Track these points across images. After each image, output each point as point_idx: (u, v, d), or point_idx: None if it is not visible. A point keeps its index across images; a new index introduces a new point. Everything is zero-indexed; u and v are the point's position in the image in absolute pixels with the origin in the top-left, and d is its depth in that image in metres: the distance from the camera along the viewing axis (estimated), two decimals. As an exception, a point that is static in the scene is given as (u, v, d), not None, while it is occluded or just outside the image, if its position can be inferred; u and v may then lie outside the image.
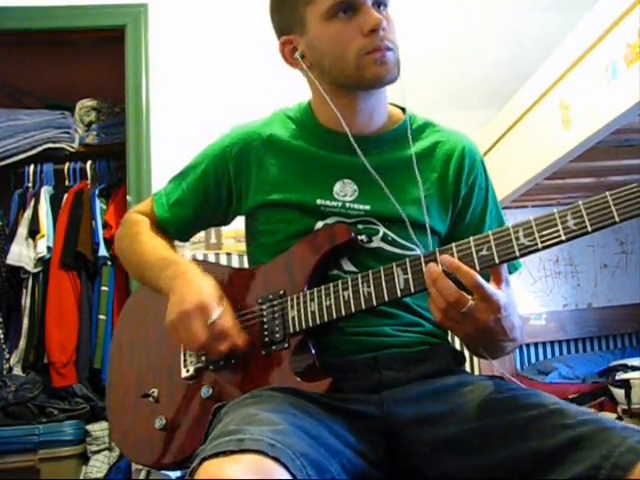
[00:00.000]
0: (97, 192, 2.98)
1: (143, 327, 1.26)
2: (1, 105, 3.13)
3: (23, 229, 2.91)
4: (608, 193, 0.85)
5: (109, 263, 2.86)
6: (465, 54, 2.88)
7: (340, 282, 1.04)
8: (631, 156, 2.18)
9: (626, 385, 2.43)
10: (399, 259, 1.03)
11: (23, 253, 2.86)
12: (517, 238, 0.91)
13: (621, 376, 2.48)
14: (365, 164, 1.12)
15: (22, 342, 2.83)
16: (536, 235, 0.89)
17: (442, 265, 0.92)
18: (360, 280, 1.02)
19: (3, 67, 3.10)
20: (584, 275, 3.12)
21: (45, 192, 2.99)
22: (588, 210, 0.86)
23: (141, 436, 1.16)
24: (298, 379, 1.02)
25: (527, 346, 3.05)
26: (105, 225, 2.90)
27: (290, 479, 0.73)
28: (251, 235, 1.25)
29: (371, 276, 1.01)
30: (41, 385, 2.75)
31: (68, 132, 3.06)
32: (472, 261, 0.92)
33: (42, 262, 2.86)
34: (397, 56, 1.10)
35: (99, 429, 2.70)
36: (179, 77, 2.82)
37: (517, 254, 0.91)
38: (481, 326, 0.92)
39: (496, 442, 0.90)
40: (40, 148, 3.00)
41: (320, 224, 1.13)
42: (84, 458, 2.72)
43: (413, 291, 0.98)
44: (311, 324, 1.04)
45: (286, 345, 1.06)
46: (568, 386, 2.67)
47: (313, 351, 1.05)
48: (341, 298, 1.03)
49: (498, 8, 2.89)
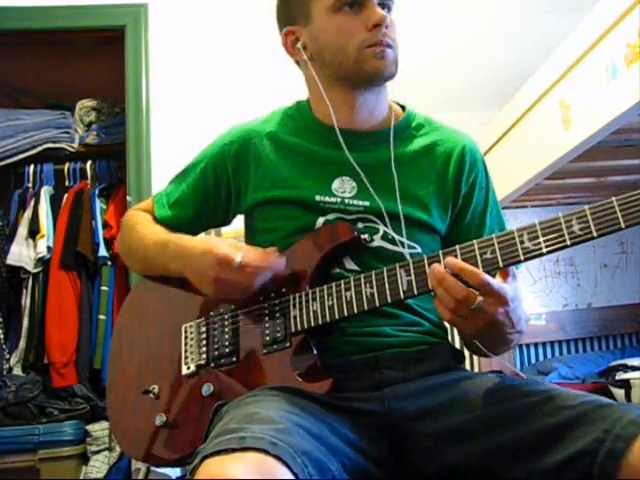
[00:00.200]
0: (97, 192, 2.97)
1: (143, 323, 1.25)
2: (1, 105, 3.12)
3: (23, 229, 2.90)
4: (614, 198, 0.84)
5: (109, 263, 2.86)
6: (467, 56, 2.88)
7: (343, 282, 1.04)
8: (631, 156, 2.18)
9: (626, 385, 2.43)
10: (400, 257, 1.03)
11: (23, 253, 2.86)
12: (522, 242, 0.90)
13: (621, 376, 2.48)
14: (351, 161, 1.12)
15: (22, 342, 2.82)
16: (541, 239, 0.89)
17: (446, 268, 0.92)
18: (363, 281, 1.02)
19: (3, 67, 3.09)
20: (584, 275, 3.12)
21: (45, 192, 2.98)
22: (594, 215, 0.86)
23: (141, 433, 1.15)
24: (299, 379, 1.01)
25: (527, 346, 3.05)
26: (105, 225, 2.90)
27: (292, 478, 0.73)
28: (250, 233, 1.25)
29: (374, 277, 1.01)
30: (41, 385, 2.74)
31: (68, 132, 3.05)
32: (476, 264, 0.92)
33: (42, 262, 2.85)
34: (396, 55, 1.12)
35: (99, 429, 2.70)
36: (179, 77, 2.82)
37: (521, 258, 0.90)
38: (490, 320, 0.91)
39: (498, 427, 0.91)
40: (40, 148, 2.99)
41: (321, 220, 1.12)
42: (84, 458, 2.71)
43: (416, 293, 0.97)
44: (313, 324, 1.04)
45: (288, 344, 1.05)
46: (568, 386, 2.66)
47: (315, 351, 1.05)
48: (344, 298, 1.02)
49: (500, 11, 2.89)
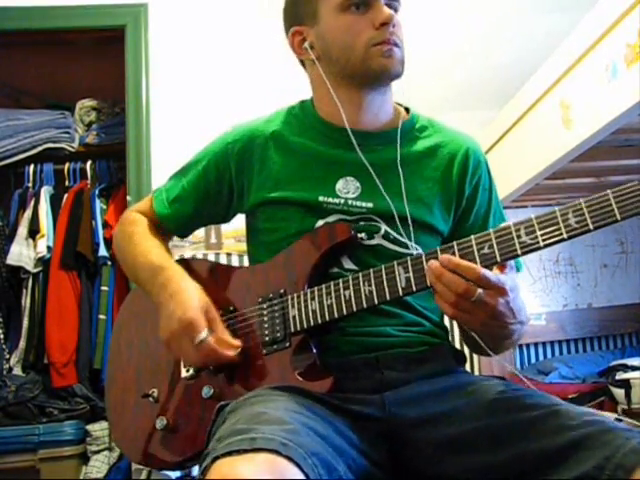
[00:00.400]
0: (97, 192, 2.98)
1: (142, 324, 1.25)
2: (1, 105, 3.12)
3: (23, 229, 2.90)
4: (610, 191, 0.85)
5: (109, 263, 2.86)
6: (467, 56, 2.88)
7: (341, 281, 1.04)
8: (631, 156, 2.18)
9: (626, 385, 2.44)
10: (400, 257, 1.02)
11: (23, 253, 2.86)
12: (519, 236, 0.90)
13: (621, 376, 2.49)
14: (364, 161, 1.12)
15: (22, 342, 2.82)
16: (538, 233, 0.89)
17: (441, 265, 0.91)
18: (361, 279, 1.02)
19: (3, 67, 3.09)
20: (584, 275, 3.12)
21: (45, 192, 2.98)
22: (589, 208, 0.86)
23: (142, 436, 1.15)
24: (300, 378, 1.01)
25: (527, 346, 3.05)
26: (105, 225, 2.90)
27: (303, 479, 0.73)
28: (252, 233, 1.24)
29: (372, 275, 1.01)
30: (41, 385, 2.74)
31: (68, 132, 3.05)
32: (474, 259, 0.92)
33: (42, 262, 2.85)
34: (403, 55, 1.12)
35: (99, 429, 2.70)
36: (179, 77, 2.81)
37: (519, 252, 0.91)
38: (492, 311, 0.91)
39: (499, 442, 0.90)
40: (40, 148, 3.00)
41: (321, 222, 1.12)
42: (84, 458, 2.71)
43: (415, 289, 0.97)
44: (312, 323, 1.04)
45: (287, 344, 1.05)
46: (568, 386, 2.67)
47: (314, 350, 1.05)
48: (342, 297, 1.02)
49: (500, 11, 2.89)
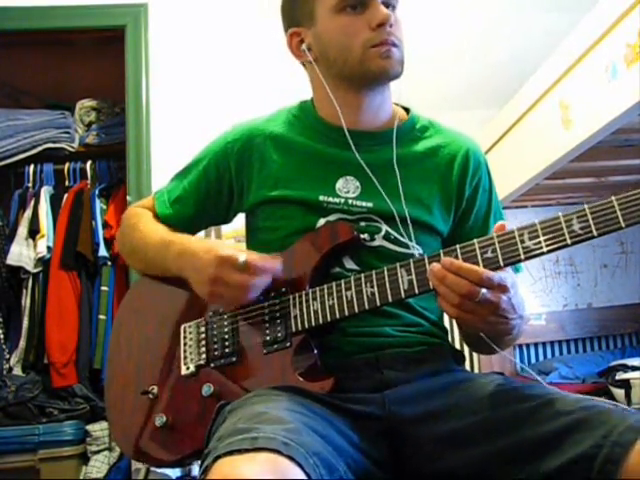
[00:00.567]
0: (97, 192, 2.98)
1: (142, 322, 1.25)
2: (1, 105, 3.12)
3: (23, 229, 2.90)
4: (614, 198, 0.85)
5: (109, 263, 2.86)
6: (467, 55, 2.89)
7: (343, 282, 1.04)
8: (631, 156, 2.18)
9: (626, 385, 2.44)
10: (401, 258, 1.02)
11: (23, 253, 2.86)
12: (522, 241, 0.90)
13: (621, 376, 2.48)
14: (360, 161, 1.12)
15: (22, 342, 2.82)
16: (541, 238, 0.89)
17: (444, 267, 0.91)
18: (363, 280, 1.02)
19: (3, 67, 3.09)
20: (584, 275, 3.12)
21: (45, 192, 2.99)
22: (594, 215, 0.86)
23: (141, 434, 1.15)
24: (300, 379, 1.01)
25: (527, 346, 3.05)
26: (105, 225, 2.90)
27: (304, 478, 0.73)
28: (251, 232, 1.24)
29: (374, 276, 1.01)
30: (41, 385, 2.74)
31: (68, 132, 3.06)
32: (477, 263, 0.92)
33: (42, 262, 2.85)
34: (402, 54, 1.11)
35: (99, 429, 2.70)
36: (179, 77, 2.82)
37: (522, 257, 0.90)
38: (495, 309, 0.91)
39: (497, 433, 0.91)
40: (40, 148, 3.00)
41: (322, 221, 1.12)
42: (84, 458, 2.71)
43: (417, 292, 0.97)
44: (314, 323, 1.04)
45: (288, 344, 1.05)
46: (568, 386, 2.67)
47: (315, 351, 1.05)
48: (344, 298, 1.02)
49: (500, 10, 2.90)
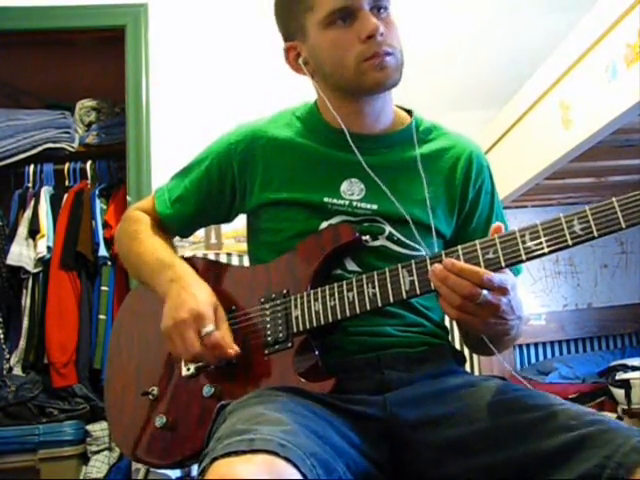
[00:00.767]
0: (97, 192, 2.98)
1: (142, 323, 1.25)
2: (1, 105, 3.12)
3: (23, 229, 2.90)
4: (615, 199, 0.85)
5: (109, 263, 2.86)
6: (467, 56, 2.89)
7: (345, 283, 1.04)
8: (631, 156, 2.19)
9: (626, 385, 2.44)
10: (403, 258, 1.02)
11: (23, 253, 2.86)
12: (523, 242, 0.91)
13: (621, 376, 2.48)
14: (362, 164, 1.11)
15: (22, 342, 2.82)
16: (542, 239, 0.90)
17: (445, 268, 0.91)
18: (365, 281, 1.02)
19: (3, 67, 3.10)
20: (584, 275, 3.12)
21: (45, 192, 2.98)
22: (595, 215, 0.86)
23: (141, 434, 1.15)
24: (302, 379, 1.01)
25: (527, 346, 3.05)
26: (105, 225, 2.90)
27: (301, 479, 0.73)
28: (253, 233, 1.24)
29: (376, 277, 1.01)
30: (41, 385, 2.74)
31: (68, 132, 3.06)
32: (478, 264, 0.92)
33: (42, 262, 2.85)
34: (398, 59, 1.09)
35: (99, 429, 2.70)
36: (179, 77, 2.82)
37: (523, 257, 0.91)
38: (496, 311, 0.91)
39: (500, 444, 0.90)
40: (40, 148, 3.00)
41: (325, 224, 1.12)
42: (84, 458, 2.71)
43: (419, 293, 0.98)
44: (315, 324, 1.04)
45: (289, 345, 1.05)
46: (568, 386, 2.67)
47: (316, 351, 1.05)
48: (346, 299, 1.02)
49: (500, 11, 2.90)
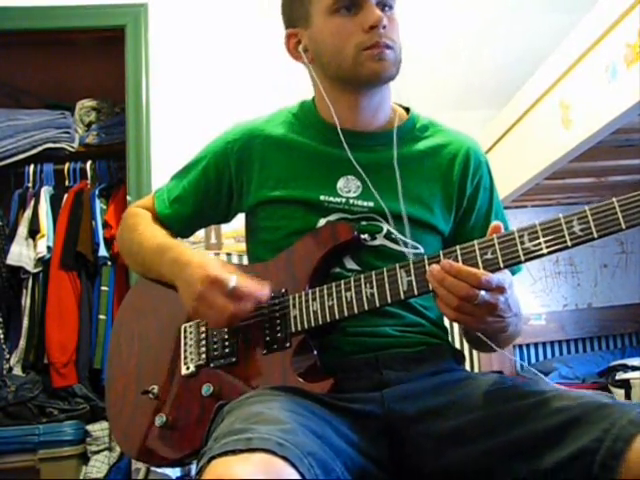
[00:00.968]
0: (97, 192, 2.98)
1: (142, 322, 1.25)
2: (1, 105, 3.12)
3: (23, 229, 2.91)
4: (615, 199, 0.85)
5: (109, 263, 2.86)
6: (468, 56, 2.89)
7: (343, 282, 1.04)
8: (631, 156, 2.18)
9: (626, 385, 2.43)
10: (402, 257, 1.02)
11: (23, 253, 2.86)
12: (522, 242, 0.90)
13: (621, 376, 2.48)
14: (357, 161, 1.12)
15: (22, 342, 2.83)
16: (541, 240, 0.89)
17: (443, 270, 0.91)
18: (363, 281, 1.02)
19: (3, 67, 3.10)
20: (584, 275, 3.12)
21: (45, 192, 2.99)
22: (594, 216, 0.86)
23: (141, 433, 1.15)
24: (300, 379, 1.01)
25: (527, 346, 3.05)
26: (105, 225, 2.90)
27: (299, 479, 0.73)
28: (251, 232, 1.25)
29: (374, 277, 1.01)
30: (41, 385, 2.74)
31: (68, 132, 3.06)
32: (476, 264, 0.92)
33: (42, 262, 2.85)
34: (397, 55, 1.11)
35: (99, 429, 2.70)
36: (179, 77, 2.82)
37: (522, 258, 0.90)
38: (494, 310, 0.91)
39: (497, 430, 0.91)
40: (40, 148, 3.00)
41: (323, 221, 1.12)
42: (84, 458, 2.71)
43: (416, 293, 0.97)
44: (313, 324, 1.04)
45: (288, 345, 1.05)
46: (568, 386, 2.67)
47: (315, 351, 1.05)
48: (344, 299, 1.02)
49: (500, 10, 2.90)
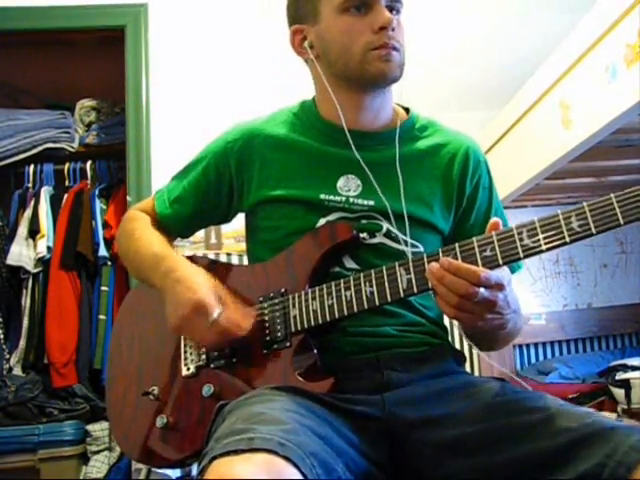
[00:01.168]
0: (97, 192, 2.98)
1: (143, 323, 1.25)
2: (1, 105, 3.12)
3: (23, 229, 2.90)
4: (613, 195, 0.85)
5: (109, 263, 2.86)
6: (467, 56, 2.89)
7: (342, 281, 1.04)
8: (631, 156, 2.19)
9: (626, 385, 2.44)
10: (401, 255, 1.02)
11: (23, 253, 2.86)
12: (521, 239, 0.90)
13: (621, 376, 2.48)
14: (360, 160, 1.12)
15: (22, 342, 2.82)
16: (540, 236, 0.89)
17: (442, 267, 0.91)
18: (362, 280, 1.02)
19: (3, 67, 3.09)
20: (584, 275, 3.12)
21: (45, 192, 2.98)
22: (592, 212, 0.86)
23: (141, 434, 1.15)
24: (300, 379, 1.01)
25: (527, 346, 3.05)
26: (105, 225, 2.90)
27: (301, 479, 0.73)
28: (251, 232, 1.25)
29: (374, 276, 1.01)
30: (41, 385, 2.74)
31: (68, 132, 3.06)
32: (475, 262, 0.92)
33: (42, 262, 2.85)
34: (402, 58, 1.12)
35: (99, 429, 2.70)
36: (179, 77, 2.82)
37: (521, 255, 0.90)
38: (492, 306, 0.91)
39: (498, 445, 0.90)
40: (40, 148, 3.00)
41: (323, 221, 1.12)
42: (84, 458, 2.71)
43: (416, 291, 0.97)
44: (313, 323, 1.04)
45: (288, 344, 1.05)
46: (568, 386, 2.67)
47: (315, 351, 1.05)
48: (343, 297, 1.02)
49: (500, 11, 2.90)
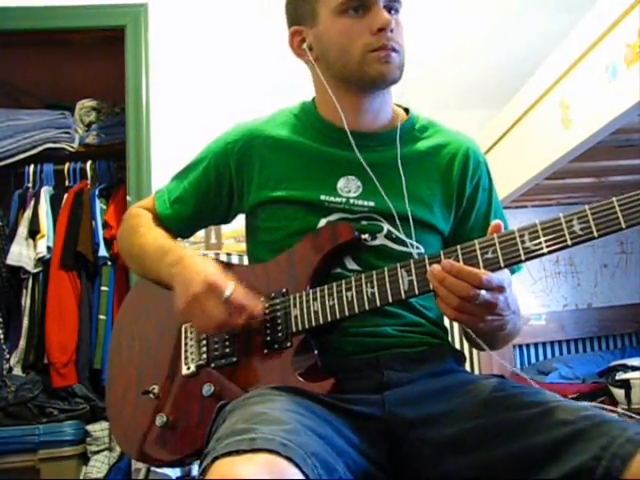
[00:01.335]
0: (97, 192, 2.98)
1: (143, 322, 1.25)
2: (1, 105, 3.12)
3: (23, 229, 2.91)
4: (615, 199, 0.85)
5: (109, 263, 2.86)
6: (467, 56, 2.89)
7: (344, 282, 1.04)
8: (631, 156, 2.19)
9: (626, 385, 2.44)
10: (403, 257, 1.02)
11: (23, 253, 2.86)
12: (523, 242, 0.91)
13: (621, 376, 2.49)
14: (361, 161, 1.12)
15: (22, 342, 2.83)
16: (542, 239, 0.89)
17: (443, 269, 0.91)
18: (364, 281, 1.02)
19: (3, 67, 3.09)
20: (584, 275, 3.12)
21: (45, 192, 2.99)
22: (594, 215, 0.86)
23: (141, 433, 1.15)
24: (301, 379, 1.01)
25: (527, 346, 3.05)
26: (105, 225, 2.90)
27: (303, 479, 0.73)
28: (252, 232, 1.25)
29: (375, 277, 1.01)
30: (41, 385, 2.74)
31: (68, 132, 3.06)
32: (477, 264, 0.92)
33: (42, 262, 2.85)
34: (402, 59, 1.12)
35: (99, 429, 2.70)
36: (179, 77, 2.82)
37: (522, 258, 0.91)
38: (493, 308, 0.92)
39: (497, 440, 0.90)
40: (40, 148, 3.00)
41: (323, 221, 1.12)
42: (84, 458, 2.71)
43: (417, 293, 0.98)
44: (314, 324, 1.04)
45: (288, 344, 1.05)
46: (568, 386, 2.67)
47: (315, 351, 1.05)
48: (344, 298, 1.02)
49: (500, 11, 2.90)
